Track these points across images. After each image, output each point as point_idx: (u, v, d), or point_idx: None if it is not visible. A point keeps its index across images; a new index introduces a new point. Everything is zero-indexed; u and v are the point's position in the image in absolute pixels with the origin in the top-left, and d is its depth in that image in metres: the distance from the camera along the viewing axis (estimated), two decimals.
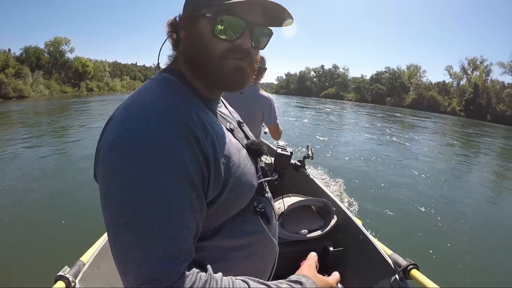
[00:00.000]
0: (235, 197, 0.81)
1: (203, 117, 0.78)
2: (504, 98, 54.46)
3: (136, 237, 0.64)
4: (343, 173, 8.08)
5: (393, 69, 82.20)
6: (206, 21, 0.78)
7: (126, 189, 0.65)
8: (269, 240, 0.95)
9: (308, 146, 3.61)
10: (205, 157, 0.72)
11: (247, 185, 0.85)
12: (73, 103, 28.69)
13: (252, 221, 0.89)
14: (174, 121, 0.70)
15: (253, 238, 0.88)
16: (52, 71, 49.80)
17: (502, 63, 57.62)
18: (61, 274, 1.68)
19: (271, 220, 0.96)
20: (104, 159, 0.69)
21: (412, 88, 72.58)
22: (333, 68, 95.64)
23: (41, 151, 9.60)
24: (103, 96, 43.53)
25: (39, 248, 4.19)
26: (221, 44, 0.78)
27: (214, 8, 0.76)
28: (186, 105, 0.76)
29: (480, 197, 7.54)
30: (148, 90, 0.79)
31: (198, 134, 0.72)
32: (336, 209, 2.78)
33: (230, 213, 0.82)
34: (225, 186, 0.77)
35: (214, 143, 0.75)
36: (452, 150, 14.94)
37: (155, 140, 0.66)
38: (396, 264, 2.03)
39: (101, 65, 66.02)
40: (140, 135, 0.66)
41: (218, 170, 0.75)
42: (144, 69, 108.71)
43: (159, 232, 0.64)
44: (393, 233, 4.93)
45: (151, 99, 0.75)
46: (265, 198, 0.97)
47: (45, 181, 6.84)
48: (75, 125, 15.43)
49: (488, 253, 4.65)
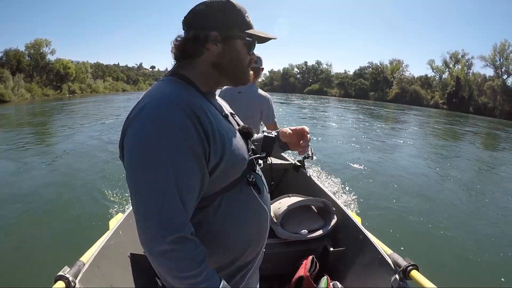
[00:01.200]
0: (231, 166, 1.03)
1: (204, 105, 1.00)
2: (485, 91, 55.45)
3: (155, 195, 0.88)
4: (342, 172, 8.08)
5: (376, 64, 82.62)
6: (242, 42, 1.10)
7: (146, 158, 0.88)
8: (261, 207, 1.15)
9: (308, 146, 3.60)
10: (206, 133, 0.94)
11: (240, 157, 1.06)
12: (56, 106, 28.23)
13: (245, 191, 1.10)
14: (180, 106, 0.92)
15: (247, 205, 1.10)
16: (33, 74, 48.71)
17: (483, 57, 58.41)
18: (61, 274, 1.70)
19: (262, 190, 1.16)
20: (133, 137, 0.92)
21: (395, 83, 73.22)
22: (317, 64, 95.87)
23: (41, 151, 9.67)
24: (86, 98, 42.96)
25: (39, 248, 4.20)
26: (249, 59, 1.15)
27: (252, 36, 1.11)
28: (189, 95, 1.00)
29: (480, 196, 7.54)
30: (161, 86, 1.02)
31: (200, 115, 0.94)
32: (336, 209, 2.79)
33: (227, 180, 1.04)
34: (222, 157, 0.98)
35: (212, 123, 0.97)
36: (447, 145, 15.02)
37: (167, 120, 0.89)
38: (396, 264, 2.04)
39: (83, 66, 64.79)
40: (156, 118, 0.90)
41: (216, 144, 0.97)
42: (127, 70, 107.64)
43: (172, 192, 0.88)
44: (393, 233, 4.93)
45: (162, 92, 0.98)
46: (256, 173, 1.18)
47: (45, 182, 6.86)
48: (69, 125, 15.43)
49: (488, 253, 4.67)
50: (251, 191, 1.11)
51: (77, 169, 7.77)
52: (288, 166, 3.88)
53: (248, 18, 1.10)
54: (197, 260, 0.90)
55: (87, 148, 10.13)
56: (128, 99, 37.83)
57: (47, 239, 4.42)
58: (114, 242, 2.24)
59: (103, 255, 2.06)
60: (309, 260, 2.43)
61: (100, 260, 2.02)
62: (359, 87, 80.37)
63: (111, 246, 2.20)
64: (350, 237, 2.59)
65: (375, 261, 2.22)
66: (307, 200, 2.77)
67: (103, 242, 2.15)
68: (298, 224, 2.64)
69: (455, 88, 59.85)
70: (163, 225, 0.87)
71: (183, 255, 0.88)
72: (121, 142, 0.96)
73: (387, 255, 2.16)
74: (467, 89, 58.71)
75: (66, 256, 3.63)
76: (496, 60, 56.43)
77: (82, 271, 1.83)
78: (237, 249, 1.11)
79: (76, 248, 3.33)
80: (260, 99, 3.04)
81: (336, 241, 2.69)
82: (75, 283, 1.72)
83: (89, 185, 6.52)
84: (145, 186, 0.88)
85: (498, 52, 55.93)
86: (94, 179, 6.93)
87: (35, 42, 51.19)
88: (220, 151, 0.98)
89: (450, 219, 5.77)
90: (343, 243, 2.62)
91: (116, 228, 2.38)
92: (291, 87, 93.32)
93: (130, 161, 0.92)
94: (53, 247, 4.20)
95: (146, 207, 0.88)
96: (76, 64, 62.63)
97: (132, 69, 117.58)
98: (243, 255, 1.13)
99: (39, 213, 5.27)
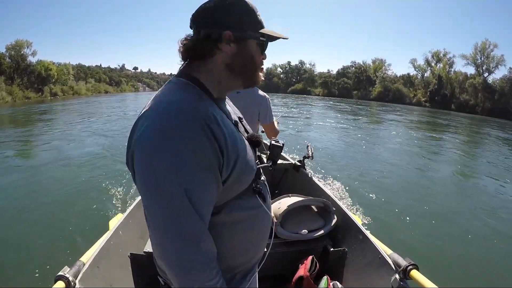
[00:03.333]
0: (242, 177, 1.01)
1: (216, 115, 0.96)
2: (467, 88, 56.77)
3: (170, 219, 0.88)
4: (342, 172, 8.09)
5: (359, 63, 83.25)
6: (254, 42, 1.06)
7: (158, 177, 0.86)
8: (265, 214, 1.14)
9: (308, 146, 3.62)
10: (219, 145, 0.91)
11: (250, 168, 1.05)
12: (37, 109, 27.75)
13: (251, 199, 1.08)
14: (195, 117, 0.88)
15: (252, 212, 1.09)
16: (14, 76, 47.65)
17: (464, 55, 59.68)
18: (61, 274, 1.72)
19: (266, 198, 1.16)
20: (143, 150, 0.89)
21: (378, 81, 74.05)
22: (300, 64, 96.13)
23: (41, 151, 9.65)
24: (68, 101, 42.31)
25: (39, 248, 4.19)
26: (261, 59, 1.11)
27: (265, 36, 1.07)
28: (203, 104, 0.96)
29: (480, 196, 7.60)
30: (172, 92, 0.99)
31: (213, 127, 0.90)
32: (336, 209, 2.80)
33: (237, 191, 1.02)
34: (234, 168, 0.96)
35: (225, 134, 0.94)
36: (444, 146, 15.09)
37: (181, 133, 0.86)
38: (396, 264, 2.06)
39: (64, 68, 63.59)
40: (170, 129, 0.86)
41: (229, 155, 0.94)
42: (109, 71, 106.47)
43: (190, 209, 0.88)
44: (393, 233, 4.92)
45: (175, 100, 0.94)
46: (261, 181, 1.16)
47: (45, 182, 6.88)
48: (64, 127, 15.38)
49: (489, 253, 4.70)
50: (256, 199, 1.10)
51: (77, 169, 7.78)
52: (288, 166, 3.88)
53: (259, 17, 1.06)
54: (216, 269, 0.95)
55: (87, 148, 10.17)
56: (122, 99, 37.34)
57: (47, 239, 4.40)
58: (114, 242, 2.25)
59: (103, 255, 2.08)
60: (309, 260, 2.43)
61: (100, 260, 2.03)
62: (342, 86, 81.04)
63: (111, 246, 2.21)
64: (350, 237, 2.60)
65: (375, 261, 2.24)
66: (307, 200, 2.78)
67: (103, 242, 2.16)
68: (298, 224, 2.65)
69: (437, 86, 60.95)
70: (190, 237, 0.89)
71: (205, 267, 0.92)
72: (130, 154, 0.94)
73: (387, 255, 2.17)
74: (449, 87, 59.87)
75: (66, 256, 3.67)
76: (477, 59, 57.73)
77: (82, 271, 1.84)
78: (239, 257, 1.11)
79: (76, 248, 3.30)
80: (259, 99, 3.02)
81: (336, 241, 2.70)
82: (75, 283, 1.73)
83: (89, 185, 6.54)
84: (165, 201, 0.88)
85: (479, 51, 57.21)
86: (94, 179, 6.93)
87: (16, 43, 50.05)
88: (232, 162, 0.96)
89: (450, 219, 5.83)
90: (343, 243, 2.63)
91: (116, 228, 2.38)
92: (274, 87, 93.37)
93: (144, 177, 0.90)
94: (53, 247, 4.18)
95: (168, 222, 0.89)
96: (58, 65, 61.54)
97: (114, 71, 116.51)
98: (246, 261, 1.14)
99: (39, 213, 5.25)
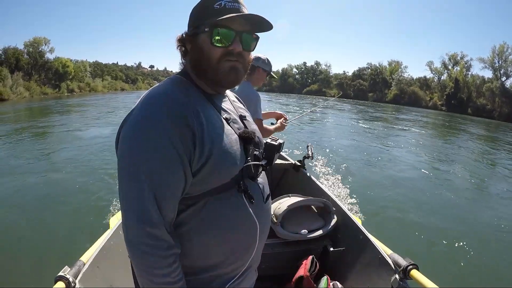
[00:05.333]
0: (217, 170, 1.00)
1: (199, 107, 1.00)
2: (484, 92, 55.63)
3: (136, 193, 0.93)
4: (342, 172, 8.06)
5: (375, 65, 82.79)
6: (205, 35, 1.03)
7: (128, 161, 0.94)
8: (250, 218, 1.09)
9: (308, 146, 3.61)
10: (193, 136, 0.95)
11: (229, 163, 1.02)
12: (54, 105, 28.17)
13: (235, 198, 1.06)
14: (169, 107, 0.94)
15: (235, 212, 1.05)
16: (32, 72, 48.48)
17: (482, 59, 58.47)
18: (61, 275, 1.71)
19: (256, 201, 1.11)
20: (121, 135, 0.98)
21: (394, 84, 73.31)
22: (315, 65, 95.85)
23: (40, 152, 9.60)
24: (85, 97, 42.79)
25: (39, 248, 4.21)
26: (218, 51, 1.03)
27: (209, 24, 1.01)
28: (184, 96, 1.00)
29: (480, 196, 7.56)
30: (162, 85, 1.05)
31: (189, 118, 0.95)
32: (336, 209, 2.80)
33: (213, 183, 1.01)
34: (208, 159, 0.97)
35: (202, 125, 0.97)
36: (447, 147, 15.01)
37: (151, 122, 0.93)
38: (396, 264, 2.05)
39: (81, 65, 64.54)
40: (144, 119, 0.94)
41: (203, 146, 0.96)
42: (126, 69, 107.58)
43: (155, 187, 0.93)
44: (393, 233, 4.93)
45: (158, 91, 1.01)
46: (255, 182, 1.14)
47: (45, 181, 6.87)
48: (69, 124, 15.41)
49: (489, 253, 4.67)
50: (241, 199, 1.07)
51: (78, 169, 7.78)
52: (288, 166, 3.88)
53: (219, 5, 1.02)
54: (169, 260, 0.96)
55: (88, 148, 10.13)
56: (139, 96, 37.54)
57: (47, 239, 4.41)
58: (114, 242, 2.24)
59: (103, 255, 2.07)
60: (309, 260, 2.43)
61: (100, 260, 2.02)
62: (358, 88, 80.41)
63: (111, 246, 2.20)
64: (350, 237, 2.59)
65: (375, 261, 2.23)
66: (307, 200, 2.78)
67: (103, 242, 2.15)
68: (298, 224, 2.65)
69: (454, 90, 59.98)
70: (140, 219, 0.92)
71: (155, 252, 0.93)
72: (116, 139, 1.02)
73: (387, 255, 2.16)
74: (465, 91, 58.82)
75: (66, 256, 3.63)
76: (495, 62, 56.64)
77: (82, 271, 1.83)
78: (214, 257, 1.07)
79: (76, 248, 3.32)
80: (248, 97, 2.97)
81: (336, 241, 2.70)
82: (75, 283, 1.72)
83: (90, 185, 6.53)
84: (127, 183, 0.95)
85: (497, 54, 56.08)
86: (95, 178, 6.93)
87: (34, 41, 51.00)
88: (206, 153, 0.97)
89: (450, 219, 5.79)
90: (343, 243, 2.62)
91: (116, 228, 2.38)
92: (290, 87, 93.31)
93: (118, 159, 0.98)
94: (53, 247, 4.20)
95: (127, 202, 0.95)
96: (75, 62, 62.37)
97: (131, 68, 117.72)
98: (222, 265, 1.09)
99: (39, 213, 5.26)
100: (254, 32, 1.10)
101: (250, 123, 1.25)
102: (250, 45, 1.09)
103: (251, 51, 1.12)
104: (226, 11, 1.00)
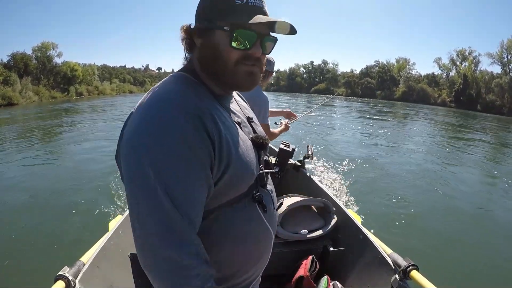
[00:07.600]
0: (236, 180, 0.92)
1: (212, 110, 0.90)
2: (493, 88, 54.85)
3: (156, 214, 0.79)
4: (342, 172, 8.03)
5: (383, 62, 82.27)
6: (223, 34, 0.90)
7: (143, 174, 0.79)
8: (265, 228, 1.04)
9: (308, 146, 3.62)
10: (212, 141, 0.84)
11: (247, 172, 0.96)
12: (63, 108, 28.49)
13: (249, 208, 0.99)
14: (186, 111, 0.82)
15: (250, 223, 0.99)
16: (41, 76, 48.87)
17: (490, 54, 57.77)
18: (61, 274, 1.71)
19: (269, 209, 1.04)
20: (127, 142, 0.85)
21: (402, 81, 72.91)
22: (323, 63, 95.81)
23: (40, 152, 9.78)
24: (93, 100, 43.17)
25: (39, 248, 4.23)
26: (235, 53, 0.91)
27: (231, 23, 0.89)
28: (197, 98, 0.89)
29: (481, 195, 7.47)
30: (167, 84, 0.93)
31: (206, 121, 0.84)
32: (336, 209, 2.79)
33: (230, 195, 0.93)
34: (227, 168, 0.88)
35: (220, 130, 0.87)
36: (450, 143, 14.85)
37: (168, 127, 0.80)
38: (396, 264, 2.04)
39: (89, 68, 64.87)
40: (152, 124, 0.81)
41: (222, 153, 0.87)
42: (133, 71, 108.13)
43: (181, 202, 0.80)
44: (393, 233, 4.90)
45: (167, 91, 0.89)
46: (266, 190, 1.08)
47: (45, 182, 6.94)
48: (73, 128, 15.58)
49: (489, 253, 4.62)
50: (255, 208, 1.00)
51: (79, 171, 7.84)
52: (288, 166, 3.85)
53: (240, 0, 0.89)
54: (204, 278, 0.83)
55: (90, 150, 10.23)
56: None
57: (47, 239, 4.44)
58: (114, 242, 2.26)
59: (103, 255, 2.08)
60: (309, 260, 2.43)
61: (100, 260, 2.03)
62: (366, 86, 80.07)
63: (111, 246, 2.21)
64: (350, 237, 2.59)
65: (375, 261, 2.22)
66: (307, 200, 2.78)
67: (103, 242, 2.17)
68: (298, 224, 2.65)
69: (463, 86, 59.29)
70: (178, 244, 0.80)
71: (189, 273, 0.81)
72: (118, 144, 0.90)
73: (387, 255, 2.16)
74: (474, 87, 58.11)
75: (66, 256, 3.66)
76: (503, 57, 55.84)
77: (82, 271, 1.84)
78: (226, 269, 1.00)
79: (76, 248, 3.34)
80: (257, 100, 2.96)
81: (336, 241, 2.69)
82: (75, 283, 1.73)
83: (90, 186, 6.58)
84: (145, 202, 0.80)
85: (505, 49, 55.28)
86: (96, 180, 6.97)
87: (42, 45, 51.41)
88: (225, 161, 0.88)
89: (450, 219, 5.73)
90: (343, 243, 2.62)
91: (116, 228, 2.39)
92: (297, 86, 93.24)
93: (128, 172, 0.83)
94: (53, 247, 4.22)
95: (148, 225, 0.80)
96: (83, 66, 62.82)
97: (138, 71, 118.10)
98: (234, 276, 1.03)
99: (40, 213, 5.32)
100: (272, 33, 0.99)
101: (257, 125, 1.18)
102: (268, 48, 0.99)
103: (268, 53, 1.01)
104: (249, 9, 0.89)
